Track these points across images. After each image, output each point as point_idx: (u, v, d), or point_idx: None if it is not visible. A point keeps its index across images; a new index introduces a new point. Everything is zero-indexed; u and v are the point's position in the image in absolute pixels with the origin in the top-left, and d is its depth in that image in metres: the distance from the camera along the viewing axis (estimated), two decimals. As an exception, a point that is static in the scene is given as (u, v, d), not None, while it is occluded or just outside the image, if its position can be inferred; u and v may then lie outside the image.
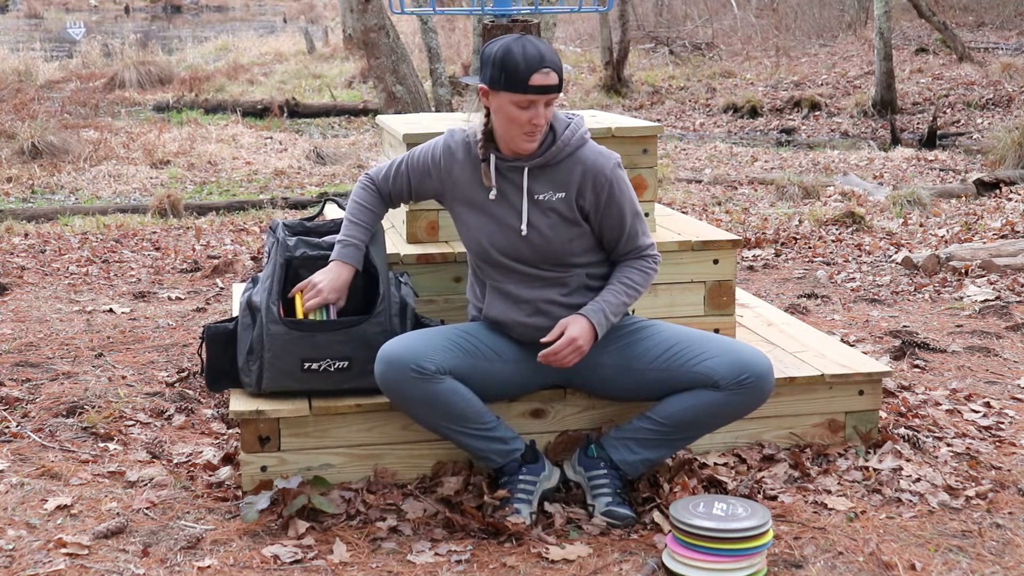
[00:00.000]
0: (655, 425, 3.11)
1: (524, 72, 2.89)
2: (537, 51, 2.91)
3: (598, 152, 3.08)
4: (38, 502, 3.13)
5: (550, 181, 3.06)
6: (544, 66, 2.91)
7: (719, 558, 2.74)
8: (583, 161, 3.06)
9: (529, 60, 2.90)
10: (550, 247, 3.07)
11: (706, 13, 22.24)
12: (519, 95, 2.91)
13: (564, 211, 3.06)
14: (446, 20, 20.60)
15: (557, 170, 3.06)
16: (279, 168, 11.17)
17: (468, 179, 3.11)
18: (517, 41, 2.93)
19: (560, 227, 3.06)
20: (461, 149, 3.13)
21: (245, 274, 6.23)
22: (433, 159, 3.17)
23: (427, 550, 2.90)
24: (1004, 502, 3.19)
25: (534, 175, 3.06)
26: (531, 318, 3.11)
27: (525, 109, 2.94)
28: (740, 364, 3.03)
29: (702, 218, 8.20)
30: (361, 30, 10.92)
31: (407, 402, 3.05)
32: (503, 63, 2.91)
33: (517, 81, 2.90)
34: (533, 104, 2.93)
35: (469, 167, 3.11)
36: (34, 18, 36.29)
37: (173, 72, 18.48)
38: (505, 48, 2.93)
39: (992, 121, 13.57)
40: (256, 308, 3.21)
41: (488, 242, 3.09)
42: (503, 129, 3.00)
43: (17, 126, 11.59)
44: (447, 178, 3.15)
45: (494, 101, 2.98)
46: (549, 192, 3.06)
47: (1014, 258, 6.15)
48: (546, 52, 2.93)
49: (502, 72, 2.91)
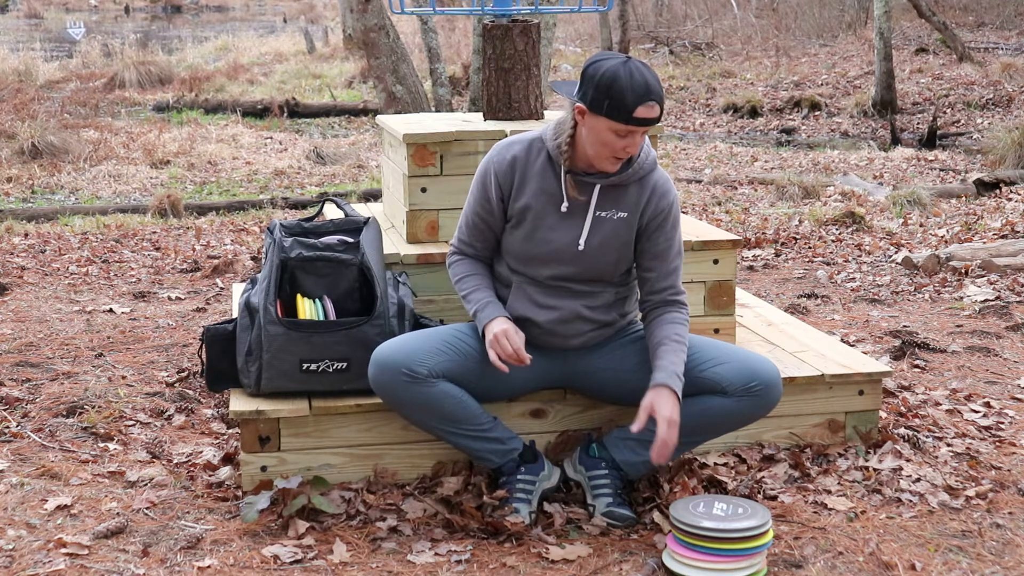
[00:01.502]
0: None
1: (631, 103, 2.83)
2: (644, 82, 2.84)
3: (666, 179, 3.09)
4: (38, 502, 3.13)
5: (615, 200, 3.04)
6: (651, 99, 2.84)
7: (719, 558, 2.74)
8: (651, 185, 3.05)
9: (636, 91, 2.83)
10: (598, 265, 3.06)
11: (706, 13, 22.24)
12: (620, 124, 2.86)
13: (622, 230, 3.04)
14: (446, 20, 20.60)
15: (625, 190, 3.04)
16: (279, 168, 11.17)
17: (538, 188, 3.04)
18: (625, 67, 2.84)
19: (613, 245, 3.05)
20: (539, 158, 3.05)
21: (245, 274, 6.23)
22: (500, 176, 3.06)
23: (427, 550, 2.90)
24: (1004, 502, 3.19)
25: (603, 192, 3.03)
26: (552, 325, 3.09)
27: (623, 138, 2.88)
28: (749, 371, 3.02)
29: (702, 218, 8.20)
30: (361, 30, 10.92)
31: (400, 405, 3.05)
32: (609, 90, 2.83)
33: (622, 111, 2.83)
34: (631, 134, 2.88)
35: (543, 176, 3.04)
36: (34, 18, 36.28)
37: (173, 72, 18.48)
38: (613, 74, 2.84)
39: (992, 121, 13.57)
40: (254, 309, 3.22)
41: (542, 251, 3.05)
42: (592, 149, 2.93)
43: (17, 126, 11.59)
44: (517, 187, 3.06)
45: (589, 121, 2.90)
46: (612, 210, 3.03)
47: (1014, 258, 6.15)
48: (652, 83, 2.86)
49: (607, 98, 2.83)
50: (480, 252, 3.18)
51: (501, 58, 3.87)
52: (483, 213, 3.11)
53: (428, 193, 3.69)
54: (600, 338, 3.16)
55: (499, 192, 3.07)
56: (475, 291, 3.12)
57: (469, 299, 3.12)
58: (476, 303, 3.10)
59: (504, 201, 3.08)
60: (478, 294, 3.12)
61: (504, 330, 3.01)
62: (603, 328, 3.15)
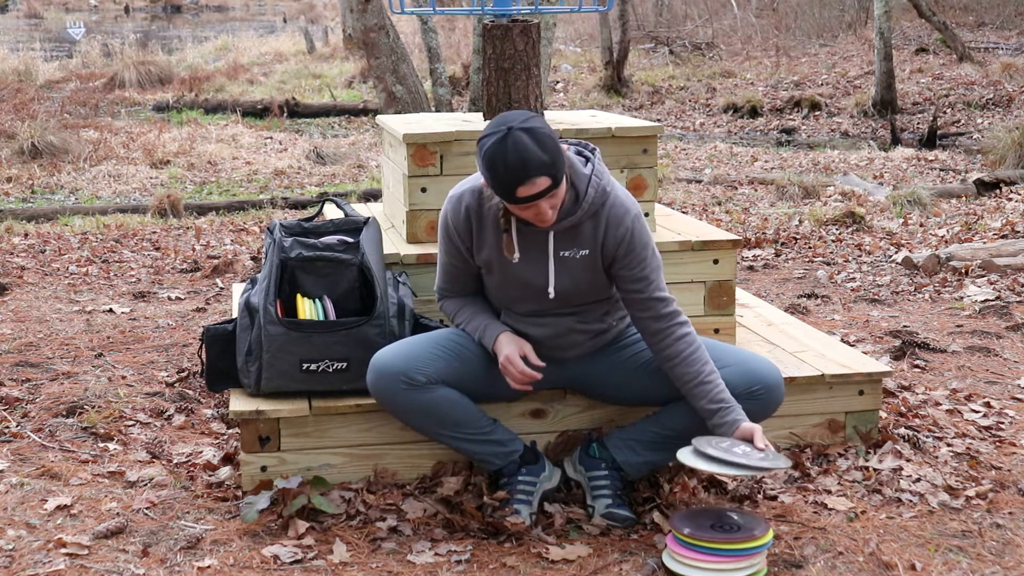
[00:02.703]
0: (661, 429, 3.10)
1: (511, 185, 2.75)
2: (520, 160, 2.71)
3: (620, 204, 2.97)
4: (38, 502, 3.13)
5: (573, 239, 2.99)
6: (529, 176, 2.72)
7: (719, 558, 2.74)
8: (604, 217, 2.96)
9: (513, 172, 2.72)
10: (575, 300, 3.05)
11: (706, 13, 22.24)
12: (510, 204, 2.83)
13: (589, 265, 3.01)
14: (446, 20, 20.60)
15: (581, 228, 2.98)
16: (279, 168, 11.17)
17: (494, 238, 3.01)
18: (503, 143, 2.72)
19: (584, 280, 3.02)
20: (491, 208, 2.99)
21: (245, 274, 6.23)
22: (460, 232, 3.03)
23: (427, 550, 2.90)
24: (1004, 502, 3.19)
25: (559, 236, 2.98)
26: (547, 339, 3.09)
27: (525, 210, 2.83)
28: (752, 375, 3.02)
29: (702, 218, 8.20)
30: (361, 30, 10.92)
31: (399, 411, 3.05)
32: (489, 172, 2.77)
33: (505, 192, 2.78)
34: (531, 207, 2.81)
35: (496, 226, 3.01)
36: (34, 18, 36.29)
37: (173, 72, 18.48)
38: (490, 156, 2.75)
39: (992, 121, 13.57)
40: (254, 309, 3.22)
41: (517, 294, 3.06)
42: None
43: (17, 126, 11.58)
44: (476, 238, 3.04)
45: None
46: (574, 249, 2.99)
47: (1014, 258, 6.15)
48: (531, 158, 2.71)
49: (491, 179, 2.78)
50: (465, 291, 3.18)
51: (501, 58, 3.86)
52: (455, 262, 3.11)
53: (428, 193, 3.69)
54: (599, 345, 3.16)
55: (463, 243, 3.05)
56: (471, 320, 3.12)
57: (468, 329, 3.12)
58: (477, 330, 3.10)
59: (470, 251, 3.06)
60: (475, 321, 3.11)
61: (507, 356, 3.01)
62: (599, 336, 3.15)
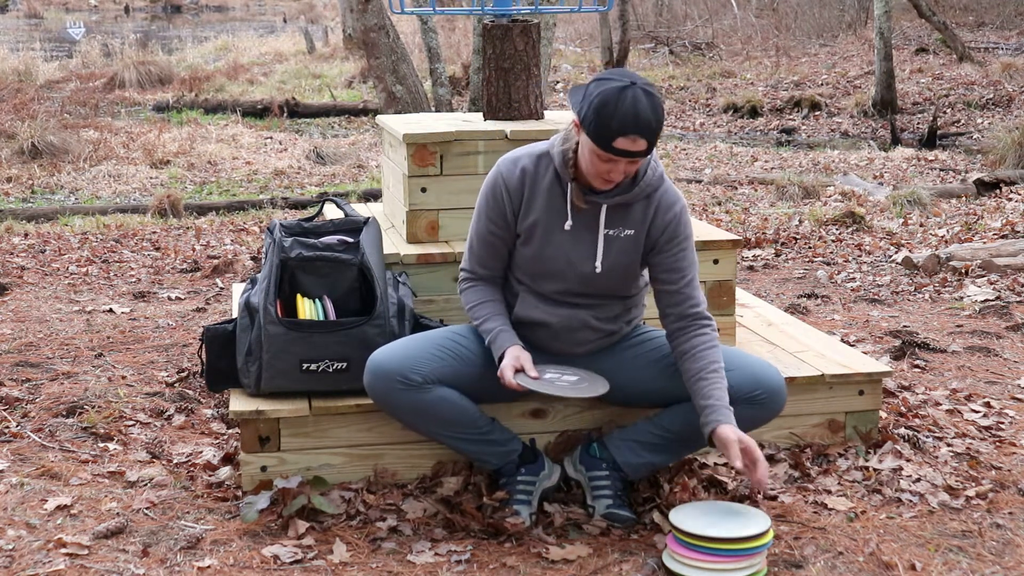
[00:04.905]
0: (662, 431, 3.10)
1: (613, 132, 2.76)
2: (634, 113, 2.75)
3: (672, 192, 3.04)
4: (38, 502, 3.13)
5: (623, 218, 3.00)
6: (635, 132, 2.76)
7: (719, 558, 2.74)
8: (656, 201, 3.00)
9: (623, 121, 2.75)
10: (609, 284, 3.05)
11: (706, 13, 22.24)
12: (600, 150, 2.81)
13: (630, 248, 3.02)
14: (446, 20, 20.60)
15: (632, 208, 3.01)
16: (279, 168, 11.16)
17: (546, 204, 3.00)
18: (623, 93, 2.76)
19: (623, 263, 3.03)
20: (547, 174, 3.00)
21: (245, 274, 6.23)
22: (511, 190, 3.01)
23: (427, 550, 2.90)
24: (1004, 502, 3.19)
25: (610, 211, 2.99)
26: (560, 328, 3.07)
27: (604, 163, 2.84)
28: (754, 379, 3.02)
29: (702, 218, 8.20)
30: (361, 30, 10.92)
31: (396, 411, 3.05)
32: (598, 112, 2.77)
33: (603, 137, 2.78)
34: (612, 162, 2.83)
35: (551, 193, 3.00)
36: (34, 18, 36.28)
37: (173, 72, 18.47)
38: (606, 98, 2.76)
39: (992, 121, 13.57)
40: (254, 309, 3.22)
41: (551, 269, 3.03)
42: (583, 163, 2.91)
43: (17, 126, 11.58)
44: (527, 201, 3.01)
45: (582, 137, 2.88)
46: (619, 227, 3.00)
47: (1014, 258, 6.15)
48: (644, 115, 2.76)
49: (594, 120, 2.78)
50: (494, 272, 3.12)
51: (501, 58, 3.87)
52: (495, 229, 3.06)
53: (428, 193, 3.69)
54: (605, 345, 3.16)
55: (511, 206, 3.02)
56: (487, 320, 3.06)
57: (483, 328, 3.07)
58: (490, 333, 3.05)
59: (515, 215, 3.03)
60: (490, 323, 3.06)
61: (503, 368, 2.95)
62: (608, 336, 3.15)
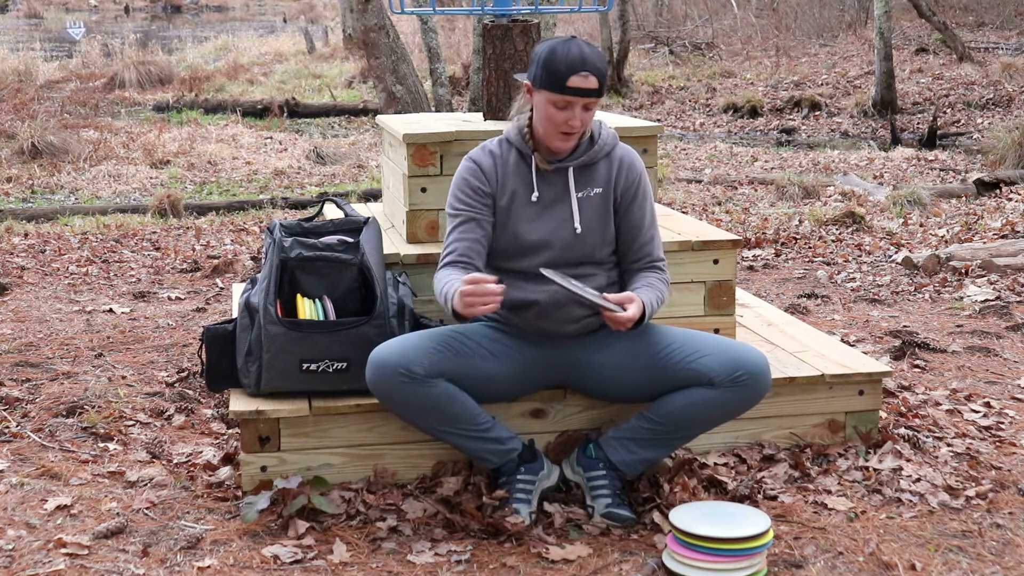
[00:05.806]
0: (652, 424, 3.10)
1: (564, 72, 2.93)
2: (580, 54, 2.95)
3: (631, 152, 3.20)
4: (38, 502, 3.13)
5: (588, 178, 3.13)
6: (584, 69, 2.94)
7: (719, 558, 2.74)
8: (618, 158, 3.16)
9: (571, 61, 2.93)
10: (591, 242, 3.12)
11: (706, 13, 22.24)
12: (556, 95, 2.95)
13: (602, 206, 3.13)
14: (446, 20, 20.60)
15: (596, 168, 3.14)
16: (279, 168, 11.17)
17: (518, 181, 3.13)
18: (564, 43, 2.98)
19: (599, 221, 3.13)
20: (511, 155, 3.14)
21: (245, 274, 6.23)
22: (485, 171, 3.12)
23: (427, 550, 2.90)
24: (1004, 502, 3.19)
25: (576, 174, 3.12)
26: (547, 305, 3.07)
27: (562, 110, 2.98)
28: (735, 361, 3.03)
29: (702, 218, 8.20)
30: (361, 30, 10.92)
31: (397, 405, 3.04)
32: (545, 62, 2.96)
33: (555, 80, 2.94)
34: (570, 105, 2.97)
35: (518, 170, 3.13)
36: (34, 18, 36.29)
37: (173, 72, 18.49)
38: (550, 48, 2.98)
39: (992, 121, 13.57)
40: (254, 309, 3.22)
41: (533, 240, 3.08)
42: (541, 127, 3.04)
43: (17, 126, 11.58)
44: (500, 183, 3.13)
45: (536, 98, 3.03)
46: (588, 189, 3.13)
47: (1014, 258, 6.15)
48: (589, 56, 2.96)
49: (544, 70, 2.96)
50: (471, 260, 3.06)
51: (501, 58, 3.87)
52: (475, 209, 3.09)
53: (428, 193, 3.69)
54: (594, 325, 3.15)
55: (487, 185, 3.12)
56: (448, 287, 2.95)
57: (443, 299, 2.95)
58: (444, 295, 2.94)
59: (492, 195, 3.12)
60: (450, 288, 2.93)
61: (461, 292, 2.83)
62: (597, 314, 3.13)
